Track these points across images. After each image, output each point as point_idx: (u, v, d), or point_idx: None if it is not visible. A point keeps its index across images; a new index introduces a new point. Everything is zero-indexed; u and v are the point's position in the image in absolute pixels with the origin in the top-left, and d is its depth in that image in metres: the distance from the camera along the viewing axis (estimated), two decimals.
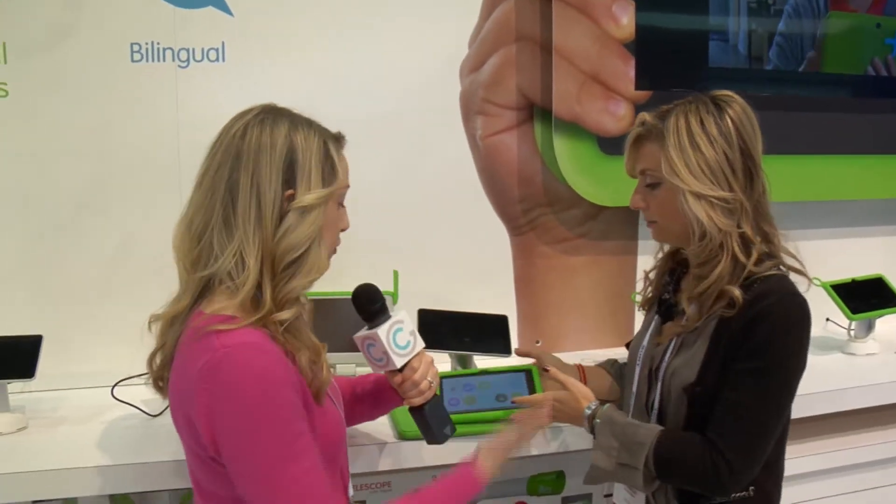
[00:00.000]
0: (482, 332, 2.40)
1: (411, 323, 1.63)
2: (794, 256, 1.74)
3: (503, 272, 2.75)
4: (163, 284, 1.56)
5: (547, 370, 1.98)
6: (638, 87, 2.61)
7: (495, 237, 2.72)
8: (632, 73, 2.60)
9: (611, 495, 2.41)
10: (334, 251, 1.52)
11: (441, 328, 2.33)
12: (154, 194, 2.37)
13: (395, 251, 2.52)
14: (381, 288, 2.19)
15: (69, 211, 2.35)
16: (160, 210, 2.29)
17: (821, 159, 2.86)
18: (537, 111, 2.65)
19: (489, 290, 2.69)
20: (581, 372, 2.09)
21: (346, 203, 1.55)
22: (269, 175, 1.38)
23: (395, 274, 2.36)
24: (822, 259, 1.93)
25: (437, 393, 1.66)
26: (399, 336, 1.58)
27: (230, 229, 1.38)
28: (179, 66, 2.36)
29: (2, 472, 1.80)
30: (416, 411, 1.65)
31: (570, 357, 2.47)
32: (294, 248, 1.39)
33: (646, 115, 1.74)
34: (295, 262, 1.40)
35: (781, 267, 1.71)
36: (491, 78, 2.61)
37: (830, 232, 2.99)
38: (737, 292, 1.63)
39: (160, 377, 1.52)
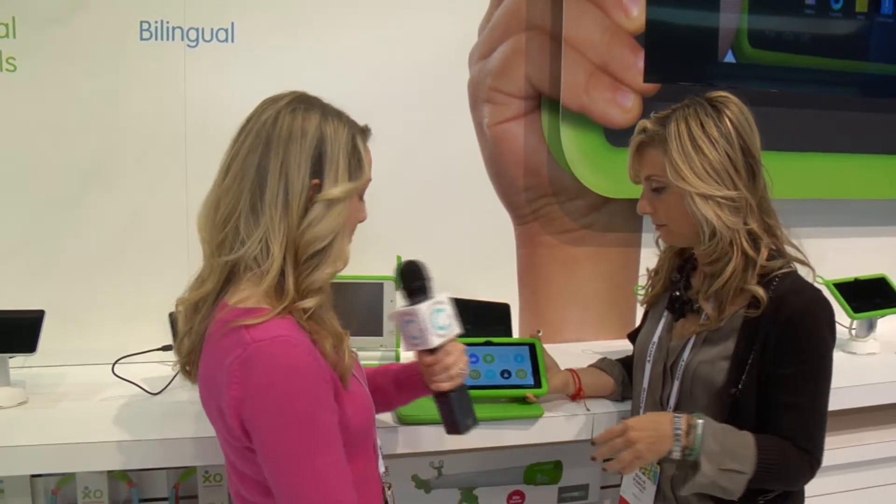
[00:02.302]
0: (484, 319, 2.38)
1: (452, 307, 1.59)
2: (797, 248, 1.77)
3: (507, 261, 2.73)
4: (167, 262, 1.56)
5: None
6: (647, 79, 2.59)
7: (500, 226, 2.70)
8: (641, 65, 2.58)
9: (608, 487, 2.50)
10: (350, 241, 1.52)
11: None
12: (160, 172, 2.36)
13: (398, 237, 2.47)
14: (385, 274, 2.29)
15: (75, 186, 2.34)
16: (165, 188, 2.36)
17: (825, 157, 2.84)
18: (545, 101, 2.63)
19: (492, 279, 2.68)
20: (574, 376, 2.10)
21: None
22: (298, 163, 1.38)
23: (399, 259, 2.26)
24: (824, 258, 1.93)
25: (464, 383, 1.62)
26: (439, 316, 1.55)
27: (257, 215, 1.38)
28: (188, 45, 2.34)
29: (1, 446, 1.79)
30: (441, 398, 1.61)
31: (571, 347, 2.57)
32: (318, 239, 1.39)
33: (646, 123, 1.76)
34: (319, 254, 1.40)
35: (792, 263, 1.73)
36: (500, 66, 2.59)
37: (834, 231, 2.98)
38: (760, 291, 1.67)
39: (188, 362, 1.52)
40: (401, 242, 2.40)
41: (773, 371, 1.67)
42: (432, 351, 1.56)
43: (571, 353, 2.33)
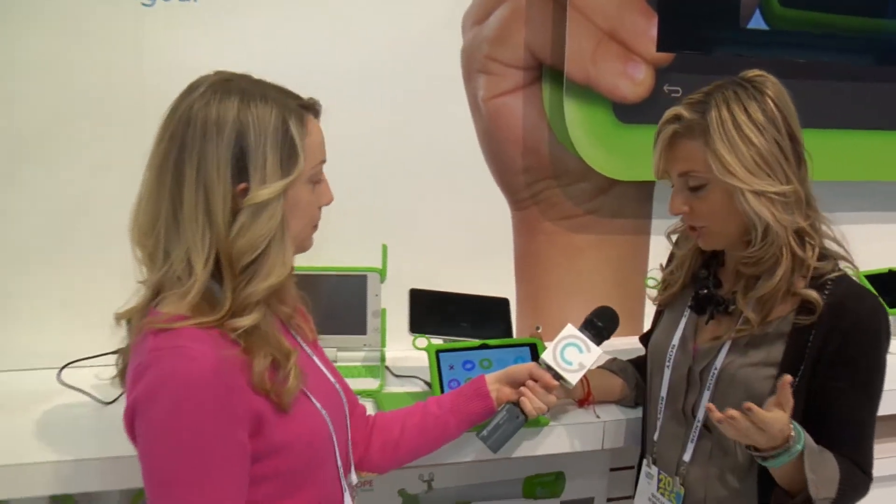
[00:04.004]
0: (481, 316, 2.22)
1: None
2: (839, 244, 1.67)
3: (503, 250, 2.55)
4: (122, 251, 1.43)
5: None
6: (660, 48, 2.39)
7: (497, 211, 2.51)
8: (654, 31, 2.38)
9: (616, 500, 2.39)
10: (314, 228, 1.43)
11: (435, 311, 2.16)
12: (112, 149, 2.12)
13: (384, 223, 2.34)
14: (368, 264, 2.21)
15: (8, 162, 2.09)
16: (119, 167, 2.05)
17: (854, 134, 2.63)
18: (547, 72, 2.43)
19: (486, 270, 2.50)
20: (583, 379, 1.95)
21: (329, 166, 1.43)
22: (216, 168, 1.27)
23: (384, 248, 2.20)
24: (851, 246, 1.75)
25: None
26: (594, 365, 1.75)
27: (178, 228, 1.29)
28: (144, 4, 2.11)
29: None
30: (512, 410, 1.68)
31: None
32: (249, 249, 1.29)
33: (680, 110, 1.62)
34: (252, 265, 1.30)
35: (840, 264, 1.66)
36: (496, 32, 2.38)
37: (861, 216, 2.77)
38: (814, 295, 1.58)
39: (124, 375, 1.43)
40: (385, 230, 2.31)
41: (829, 383, 1.59)
42: (558, 378, 1.70)
43: None
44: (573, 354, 1.71)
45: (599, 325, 1.75)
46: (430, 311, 2.14)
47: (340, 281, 2.20)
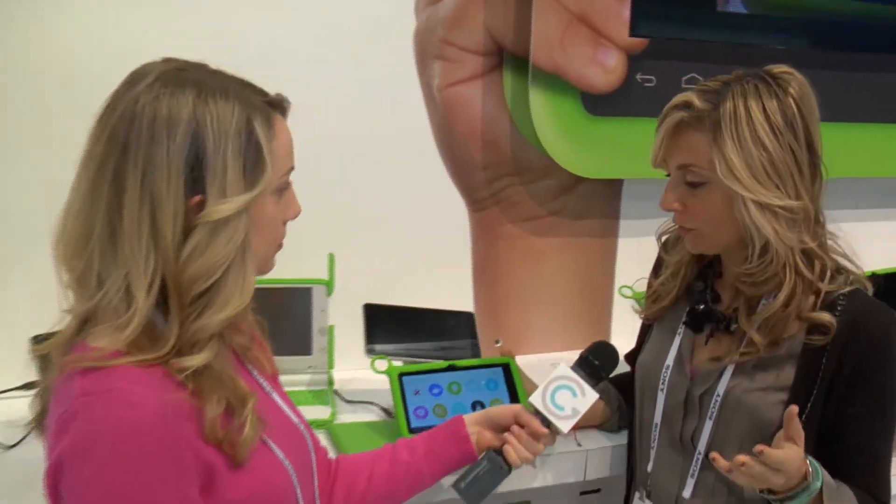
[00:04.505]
0: (444, 332, 2.08)
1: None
2: (849, 259, 1.55)
3: (460, 256, 2.36)
4: (32, 265, 1.32)
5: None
6: (633, 32, 2.22)
7: (452, 213, 2.32)
8: (627, 14, 2.21)
9: None
10: (279, 247, 1.27)
11: (394, 328, 2.00)
12: (15, 142, 1.91)
13: (330, 229, 2.10)
14: (313, 276, 2.00)
15: None
16: (24, 164, 1.92)
17: (850, 128, 2.51)
18: (508, 58, 2.23)
19: (442, 278, 2.31)
20: None
21: None
22: (166, 176, 1.09)
23: (331, 258, 1.99)
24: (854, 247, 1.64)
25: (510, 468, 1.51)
26: (588, 409, 1.53)
27: (116, 248, 1.10)
28: None
29: None
30: (493, 458, 1.48)
31: (537, 360, 2.23)
32: (203, 275, 1.11)
33: (692, 97, 1.48)
34: (205, 294, 1.12)
35: (851, 277, 1.54)
36: (453, 14, 2.19)
37: (860, 214, 2.63)
38: (827, 318, 1.47)
39: (42, 421, 1.24)
40: (332, 237, 2.08)
41: (845, 408, 1.49)
42: (547, 424, 1.49)
43: (539, 369, 1.98)
44: (566, 398, 1.51)
45: (596, 364, 1.54)
46: (389, 328, 1.98)
47: (282, 295, 2.01)
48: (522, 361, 2.02)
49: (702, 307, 1.61)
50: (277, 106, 1.21)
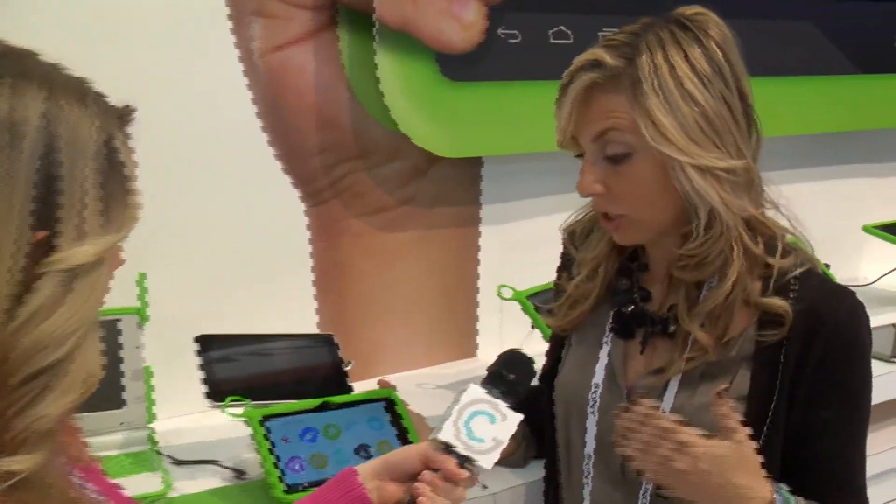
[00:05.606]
0: (302, 361, 1.68)
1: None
2: (792, 232, 1.37)
3: (297, 261, 1.96)
4: None
5: None
6: None
7: (285, 209, 1.92)
8: None
9: None
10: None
11: (238, 364, 1.59)
12: None
13: (135, 243, 1.66)
14: (121, 304, 1.56)
15: None
16: None
17: (783, 82, 2.36)
18: (344, 11, 1.84)
19: (276, 289, 1.90)
20: None
21: None
22: (6, 197, 0.82)
23: (141, 278, 1.58)
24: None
25: None
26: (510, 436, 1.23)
27: None
28: None
29: None
30: None
31: (399, 380, 1.80)
32: (48, 346, 0.84)
33: (601, 54, 1.29)
34: (46, 372, 0.85)
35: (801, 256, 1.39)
36: None
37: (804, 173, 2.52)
38: (780, 304, 1.30)
39: None
40: (137, 252, 1.57)
41: (813, 414, 1.33)
42: (464, 462, 1.19)
43: (407, 393, 1.67)
44: (483, 427, 1.21)
45: (511, 379, 1.26)
46: (233, 364, 1.57)
47: None
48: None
49: (630, 308, 1.42)
50: (129, 118, 0.95)
